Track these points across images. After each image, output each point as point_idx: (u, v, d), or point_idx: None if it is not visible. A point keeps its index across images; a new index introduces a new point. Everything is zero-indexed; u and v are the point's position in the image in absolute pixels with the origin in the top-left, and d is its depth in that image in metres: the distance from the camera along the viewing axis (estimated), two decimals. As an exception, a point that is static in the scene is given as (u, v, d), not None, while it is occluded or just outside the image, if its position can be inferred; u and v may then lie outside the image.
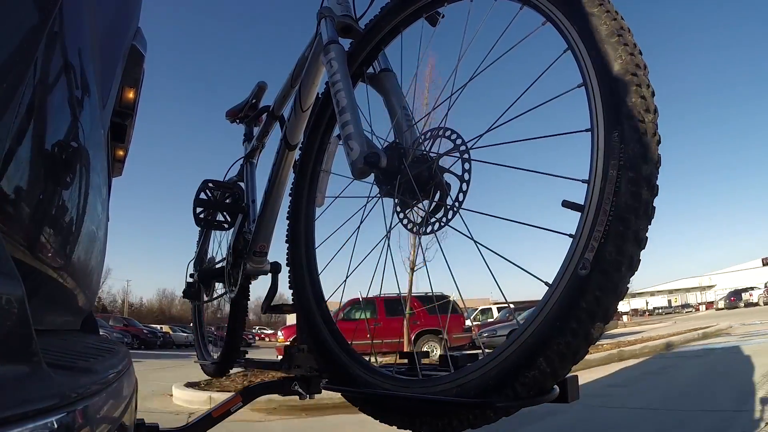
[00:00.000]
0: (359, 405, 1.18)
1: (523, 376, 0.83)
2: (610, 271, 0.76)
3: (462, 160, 1.05)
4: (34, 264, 0.64)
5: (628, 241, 0.76)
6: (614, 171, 0.78)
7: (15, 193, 0.52)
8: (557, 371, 0.82)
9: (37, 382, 0.38)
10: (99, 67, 0.88)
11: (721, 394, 3.55)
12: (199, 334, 2.79)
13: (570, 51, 0.89)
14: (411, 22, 1.33)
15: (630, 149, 0.77)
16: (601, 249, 0.77)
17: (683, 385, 4.33)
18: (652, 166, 0.78)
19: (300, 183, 1.55)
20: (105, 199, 1.20)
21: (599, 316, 0.78)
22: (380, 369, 1.18)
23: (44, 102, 0.58)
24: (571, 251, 0.81)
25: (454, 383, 0.94)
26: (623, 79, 0.79)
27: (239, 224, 2.22)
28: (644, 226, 0.78)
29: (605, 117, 0.81)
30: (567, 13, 0.89)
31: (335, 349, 1.29)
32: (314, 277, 1.46)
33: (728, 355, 6.30)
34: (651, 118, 0.79)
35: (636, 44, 0.83)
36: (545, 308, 0.82)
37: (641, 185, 0.77)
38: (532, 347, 0.82)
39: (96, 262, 1.17)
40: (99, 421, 0.48)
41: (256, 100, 2.51)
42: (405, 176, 1.12)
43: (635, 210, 0.76)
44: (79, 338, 1.08)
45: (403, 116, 1.29)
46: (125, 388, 0.74)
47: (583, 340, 0.79)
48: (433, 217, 1.10)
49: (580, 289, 0.78)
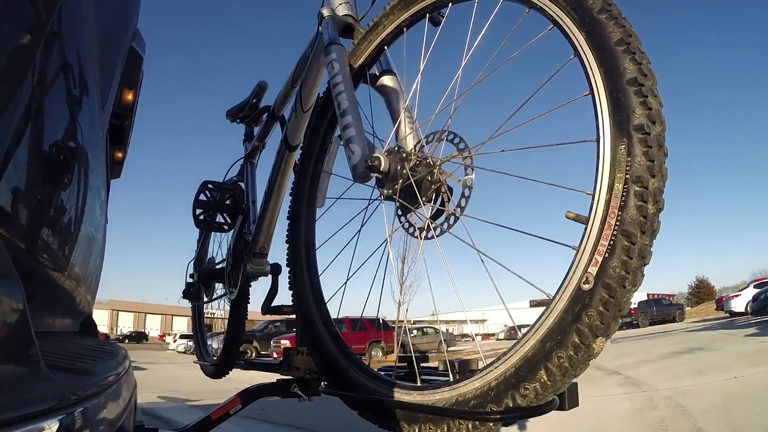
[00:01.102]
0: (358, 409, 1.17)
1: (524, 388, 0.82)
2: (614, 286, 0.75)
3: (465, 167, 1.03)
4: (33, 266, 0.64)
5: (633, 256, 0.74)
6: (620, 185, 0.76)
7: (14, 195, 0.52)
8: (558, 384, 0.81)
9: (36, 384, 0.38)
10: (98, 69, 0.88)
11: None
12: (198, 335, 2.79)
13: (577, 58, 0.87)
14: (414, 23, 1.31)
15: (637, 163, 0.75)
16: (605, 264, 0.76)
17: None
18: (659, 181, 0.76)
19: (300, 184, 1.55)
20: (104, 201, 1.20)
21: (602, 331, 0.77)
22: (379, 373, 1.17)
23: (43, 104, 0.58)
24: (574, 264, 0.80)
25: (455, 391, 0.93)
26: (631, 90, 0.78)
27: (239, 225, 2.22)
28: (649, 242, 0.76)
29: (612, 128, 0.79)
30: (574, 18, 0.87)
31: (334, 352, 1.29)
32: (314, 279, 1.45)
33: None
34: (659, 130, 0.77)
35: (644, 53, 0.81)
36: (547, 319, 0.81)
37: (648, 200, 0.75)
38: (533, 358, 0.82)
39: (95, 264, 1.17)
40: (98, 423, 0.48)
41: (257, 100, 2.50)
42: (406, 180, 1.11)
43: (641, 225, 0.75)
44: (78, 340, 1.08)
45: (405, 119, 1.28)
46: (124, 390, 0.74)
47: (585, 354, 0.78)
48: (434, 222, 1.09)
49: (582, 303, 0.77)
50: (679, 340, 10.02)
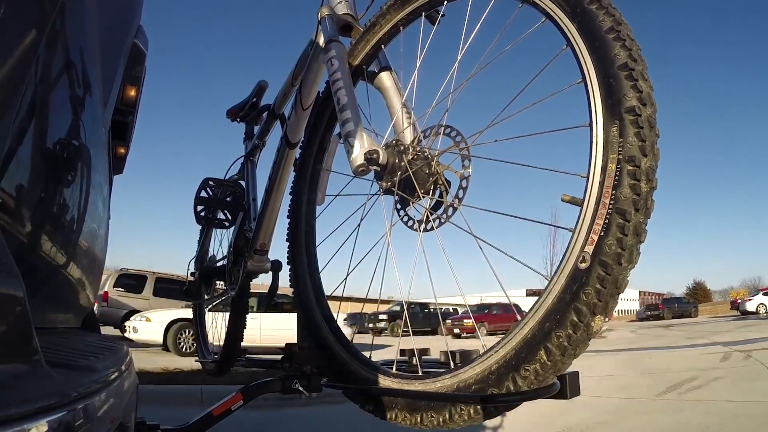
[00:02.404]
0: (360, 402, 1.18)
1: (524, 370, 0.83)
2: (611, 263, 0.77)
3: (462, 157, 1.05)
4: (35, 262, 0.64)
5: (628, 233, 0.77)
6: (613, 165, 0.78)
7: (16, 190, 0.52)
8: (558, 365, 0.82)
9: (37, 381, 0.38)
10: (100, 65, 0.88)
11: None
12: (199, 333, 2.79)
13: (569, 47, 0.89)
14: (411, 21, 1.34)
15: (629, 143, 0.78)
16: (600, 242, 0.77)
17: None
18: (651, 160, 0.78)
19: (300, 182, 1.55)
20: (106, 197, 1.20)
21: (600, 309, 0.78)
22: (380, 366, 1.19)
23: (46, 100, 0.58)
24: (570, 244, 0.82)
25: (456, 378, 0.94)
26: (621, 74, 0.80)
27: (240, 223, 2.22)
28: (644, 220, 0.78)
29: (604, 112, 0.82)
30: (566, 10, 0.90)
31: (335, 346, 1.30)
32: (315, 275, 1.46)
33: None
34: (649, 112, 0.79)
35: (634, 40, 0.84)
36: (546, 301, 0.83)
37: (640, 178, 0.77)
38: (533, 339, 0.83)
39: (97, 260, 1.17)
40: (99, 420, 0.48)
41: (257, 99, 2.51)
42: (405, 173, 1.12)
43: (635, 203, 0.77)
44: (80, 336, 1.08)
45: (403, 113, 1.29)
46: (126, 386, 0.74)
47: (584, 333, 0.80)
48: (433, 214, 1.10)
49: (580, 282, 0.79)
50: (734, 324, 15.23)
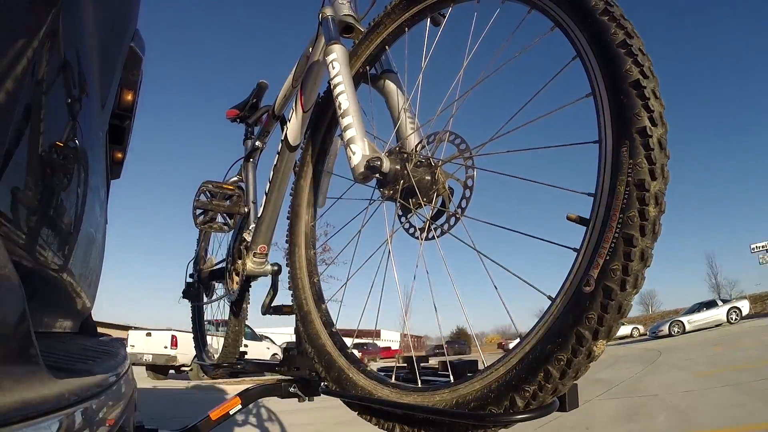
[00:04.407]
0: (357, 410, 1.17)
1: (523, 390, 0.82)
2: (615, 289, 0.74)
3: (466, 167, 1.03)
4: (33, 266, 0.64)
5: (635, 259, 0.74)
6: (622, 187, 0.76)
7: (14, 195, 0.52)
8: (557, 387, 0.81)
9: (36, 385, 0.38)
10: (97, 70, 0.88)
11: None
12: (198, 335, 2.79)
13: (579, 59, 0.86)
14: (416, 22, 1.30)
15: (639, 165, 0.75)
16: (605, 266, 0.75)
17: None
18: (661, 183, 0.76)
19: (300, 184, 1.55)
20: (103, 201, 1.20)
21: (602, 334, 0.76)
22: (379, 374, 1.17)
23: (43, 104, 0.58)
24: (574, 266, 0.80)
25: (455, 393, 0.92)
26: (633, 92, 0.77)
27: (239, 225, 2.22)
28: (650, 244, 0.76)
29: (614, 130, 0.79)
30: (576, 19, 0.86)
31: (334, 352, 1.29)
32: (314, 279, 1.45)
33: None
34: (661, 133, 0.77)
35: (646, 54, 0.81)
36: (547, 322, 0.81)
37: (649, 202, 0.74)
38: (534, 360, 0.81)
39: (95, 265, 1.17)
40: (98, 423, 0.48)
41: (257, 100, 2.49)
42: (407, 181, 1.10)
43: (642, 228, 0.74)
44: (79, 340, 1.08)
45: (406, 119, 1.27)
46: (124, 390, 0.74)
47: (585, 357, 0.78)
48: (434, 223, 1.08)
49: (583, 306, 0.77)
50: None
